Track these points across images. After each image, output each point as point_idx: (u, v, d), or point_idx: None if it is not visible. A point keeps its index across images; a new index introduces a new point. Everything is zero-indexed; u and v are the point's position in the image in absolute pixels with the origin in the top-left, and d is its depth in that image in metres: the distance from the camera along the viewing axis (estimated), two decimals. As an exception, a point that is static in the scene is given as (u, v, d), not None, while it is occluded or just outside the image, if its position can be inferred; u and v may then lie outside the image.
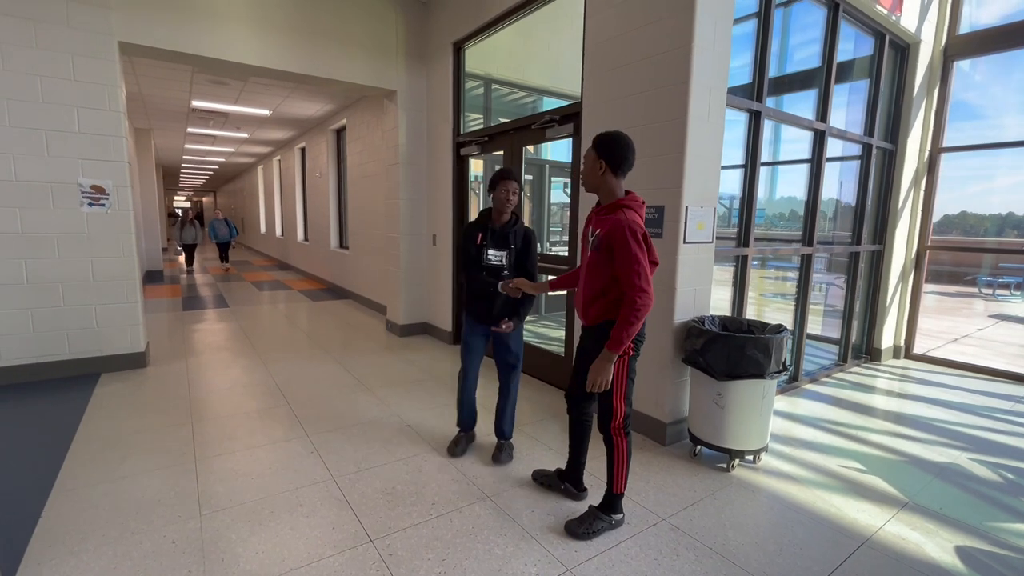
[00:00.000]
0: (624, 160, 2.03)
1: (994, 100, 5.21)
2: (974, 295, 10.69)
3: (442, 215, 5.34)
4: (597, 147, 2.05)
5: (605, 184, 2.07)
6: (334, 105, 7.88)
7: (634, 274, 1.91)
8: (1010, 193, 7.61)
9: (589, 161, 2.08)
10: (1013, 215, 12.59)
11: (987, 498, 2.55)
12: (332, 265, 9.14)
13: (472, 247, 2.65)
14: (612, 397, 2.12)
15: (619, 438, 2.16)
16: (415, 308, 5.73)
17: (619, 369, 2.10)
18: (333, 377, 4.21)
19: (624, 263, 1.93)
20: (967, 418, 3.62)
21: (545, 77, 6.39)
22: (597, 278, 2.08)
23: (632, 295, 1.91)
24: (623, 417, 2.14)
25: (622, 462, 2.17)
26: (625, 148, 2.02)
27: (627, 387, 2.13)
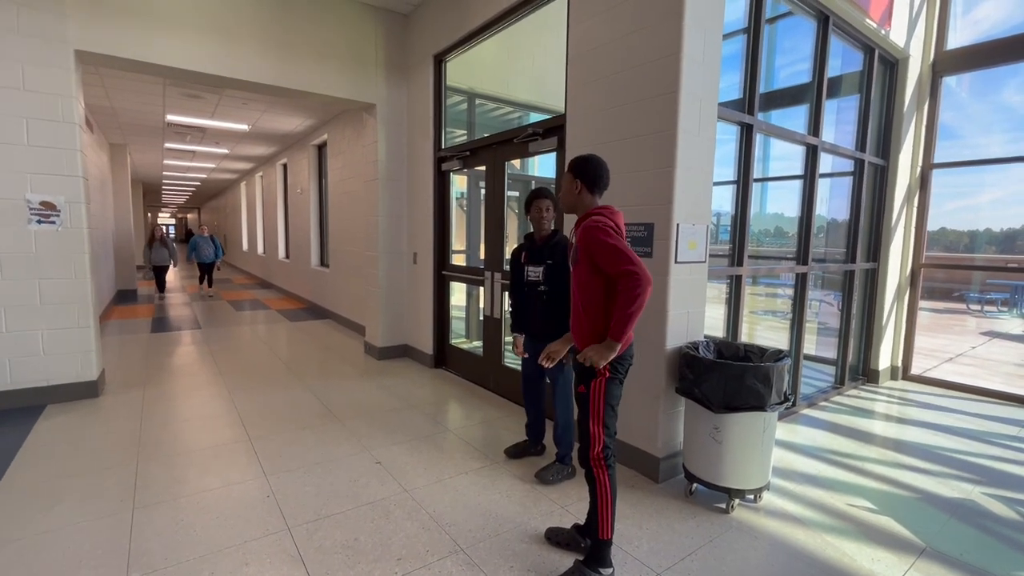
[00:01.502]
0: (598, 178, 2.05)
1: (972, 117, 5.17)
2: (964, 311, 10.67)
3: (423, 233, 5.11)
4: (572, 169, 2.10)
5: (582, 202, 2.08)
6: (314, 120, 7.69)
7: (618, 261, 1.81)
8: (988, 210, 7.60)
9: (566, 183, 2.11)
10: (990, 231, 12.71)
11: (1008, 540, 2.33)
12: (312, 284, 8.85)
13: (517, 266, 2.90)
14: (589, 424, 1.94)
15: (599, 471, 1.95)
16: (394, 330, 5.47)
17: (595, 392, 1.93)
18: (302, 406, 3.92)
19: (605, 258, 1.84)
20: (975, 446, 3.42)
21: (530, 92, 6.28)
22: (587, 293, 1.96)
23: (623, 279, 1.79)
24: (601, 447, 1.94)
25: (606, 501, 1.95)
26: (599, 167, 2.06)
27: (605, 413, 1.94)
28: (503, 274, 4.11)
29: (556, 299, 2.72)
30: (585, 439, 1.98)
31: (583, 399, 1.97)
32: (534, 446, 3.09)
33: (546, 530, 2.28)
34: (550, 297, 2.75)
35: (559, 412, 2.83)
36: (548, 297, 2.75)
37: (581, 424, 1.99)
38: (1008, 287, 10.89)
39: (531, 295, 2.80)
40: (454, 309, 5.17)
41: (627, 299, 1.78)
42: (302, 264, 9.34)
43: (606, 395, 1.94)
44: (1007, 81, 5.12)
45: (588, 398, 1.95)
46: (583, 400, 1.97)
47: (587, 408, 1.96)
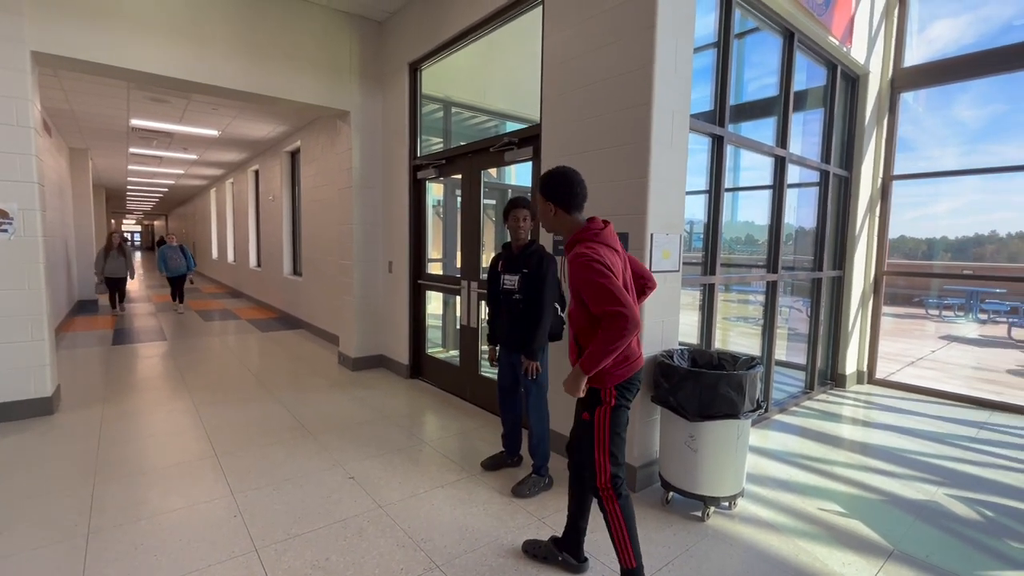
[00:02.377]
0: (571, 196, 1.91)
1: (929, 131, 5.42)
2: (924, 316, 11.11)
3: (398, 241, 5.06)
4: (542, 190, 1.96)
5: (562, 224, 1.96)
6: (287, 126, 7.55)
7: (604, 301, 1.69)
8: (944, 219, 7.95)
9: (540, 206, 1.99)
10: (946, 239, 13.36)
11: (971, 541, 2.40)
12: (285, 293, 8.65)
13: (493, 275, 2.91)
14: (595, 453, 1.87)
15: (609, 502, 1.87)
16: (369, 340, 5.37)
17: (599, 420, 1.86)
18: (273, 420, 3.80)
19: (590, 296, 1.74)
20: (937, 448, 3.54)
21: (506, 101, 6.31)
22: (578, 323, 1.89)
23: (608, 320, 1.68)
24: (608, 477, 1.86)
25: (620, 530, 1.87)
26: (569, 184, 1.91)
27: (611, 442, 1.86)
28: (480, 283, 4.08)
29: (529, 308, 2.71)
30: (591, 469, 1.89)
31: (587, 427, 1.89)
32: (511, 457, 3.06)
33: (523, 542, 2.24)
34: (525, 306, 2.73)
35: (533, 423, 2.80)
36: (523, 306, 2.73)
37: (585, 453, 1.91)
38: (964, 293, 11.41)
39: (507, 304, 2.79)
40: (430, 318, 5.11)
41: (608, 338, 1.68)
42: (274, 273, 9.13)
43: (612, 423, 1.86)
44: (959, 97, 5.40)
45: (592, 426, 1.87)
46: (587, 429, 1.89)
47: (591, 437, 1.88)
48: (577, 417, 1.97)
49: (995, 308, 10.82)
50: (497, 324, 2.90)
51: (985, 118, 5.80)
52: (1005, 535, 2.46)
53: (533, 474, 2.79)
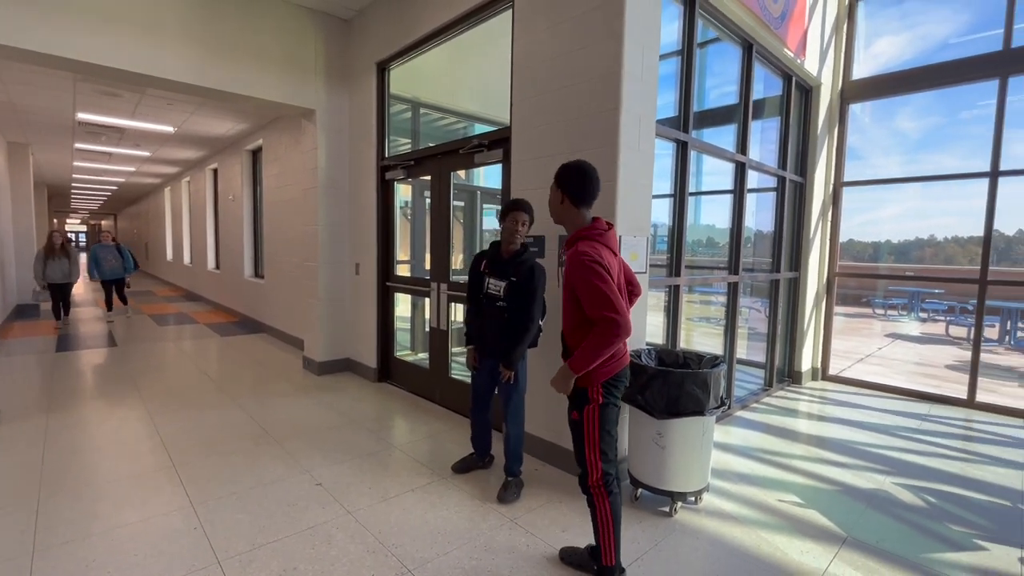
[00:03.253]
0: (584, 190, 1.94)
1: (874, 141, 5.76)
2: (870, 316, 11.74)
3: (366, 242, 4.97)
4: (557, 178, 1.99)
5: (567, 216, 1.98)
6: (248, 124, 7.32)
7: (600, 305, 1.72)
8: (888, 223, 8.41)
9: (551, 193, 2.02)
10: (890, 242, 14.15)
11: (916, 526, 2.56)
12: (245, 296, 8.36)
13: (475, 274, 2.78)
14: (585, 452, 1.90)
15: (600, 499, 1.91)
16: (335, 343, 5.26)
17: (588, 419, 1.89)
18: (234, 428, 3.67)
19: (586, 297, 1.76)
20: (885, 439, 3.75)
21: (475, 103, 6.31)
22: (571, 314, 1.91)
23: (601, 324, 1.72)
24: (600, 475, 1.90)
25: (607, 527, 1.91)
26: (585, 177, 1.94)
27: (601, 440, 1.89)
28: (449, 285, 4.06)
29: (514, 319, 2.64)
30: (583, 467, 1.92)
31: (576, 426, 1.92)
32: (481, 460, 3.06)
33: (560, 550, 2.20)
34: (510, 315, 2.64)
35: (512, 427, 2.78)
36: (508, 315, 2.64)
37: (577, 452, 1.94)
38: (906, 293, 12.12)
39: (490, 309, 2.69)
40: (399, 321, 5.05)
41: (599, 342, 1.71)
42: (234, 275, 8.81)
43: (601, 421, 1.88)
44: (901, 110, 5.76)
45: (581, 425, 1.90)
46: (576, 427, 1.92)
47: (581, 436, 1.90)
48: (568, 417, 1.98)
49: (934, 307, 11.54)
50: (476, 326, 2.79)
51: (923, 130, 6.19)
52: (947, 519, 2.63)
53: (511, 478, 2.78)
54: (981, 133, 4.59)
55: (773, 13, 3.94)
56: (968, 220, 13.81)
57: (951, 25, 5.18)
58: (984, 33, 4.69)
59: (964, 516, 2.66)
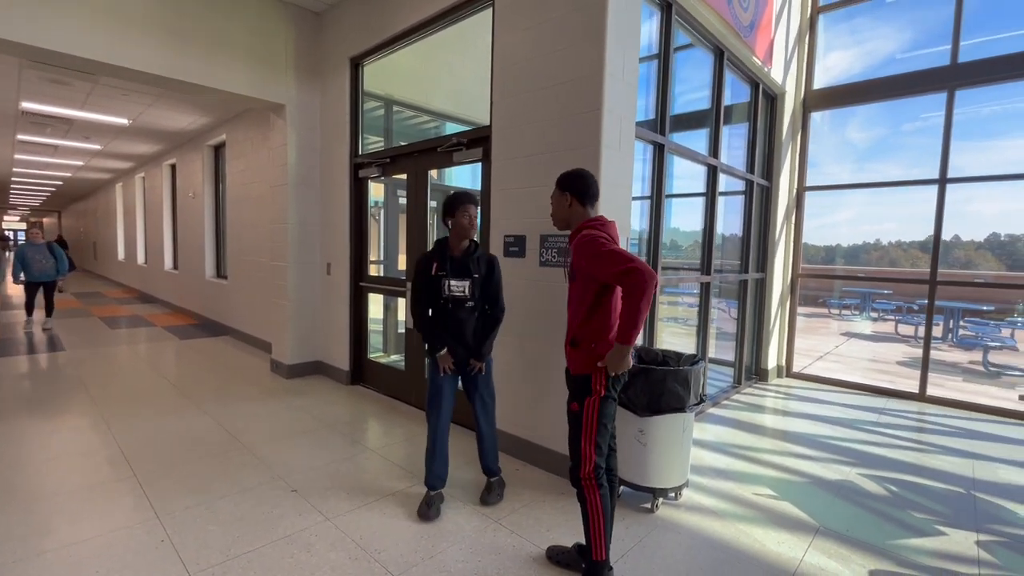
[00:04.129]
0: (589, 188, 2.05)
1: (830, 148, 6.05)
2: (827, 316, 12.30)
3: (338, 241, 4.85)
4: (560, 183, 2.08)
5: (574, 216, 2.05)
6: (211, 118, 7.02)
7: (615, 262, 1.75)
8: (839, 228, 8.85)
9: (556, 198, 2.10)
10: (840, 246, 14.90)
11: (882, 515, 2.68)
12: (207, 297, 8.01)
13: (428, 278, 2.51)
14: (580, 443, 1.91)
15: (591, 492, 1.92)
16: (305, 345, 5.10)
17: (588, 410, 1.90)
18: (200, 435, 3.50)
19: (601, 266, 1.80)
20: (847, 432, 3.92)
21: (449, 102, 6.27)
22: (580, 305, 1.94)
23: (626, 278, 1.72)
24: (592, 467, 1.91)
25: (598, 522, 1.91)
26: (588, 178, 2.06)
27: (597, 432, 1.92)
28: (426, 285, 4.00)
29: (484, 314, 2.61)
30: (576, 458, 1.93)
31: (575, 417, 1.93)
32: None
33: (547, 549, 2.20)
34: (481, 313, 2.59)
35: (488, 424, 2.72)
36: (479, 313, 2.58)
37: (572, 443, 1.95)
38: (859, 294, 12.76)
39: (458, 312, 2.52)
40: (371, 322, 4.94)
41: (632, 296, 1.69)
42: (194, 275, 8.44)
43: (600, 414, 1.90)
44: (851, 120, 6.08)
45: (580, 416, 1.91)
46: (575, 419, 1.94)
47: (579, 426, 1.92)
48: (567, 409, 1.99)
49: (883, 307, 12.20)
50: (447, 331, 2.54)
51: (870, 140, 6.50)
52: (909, 507, 2.76)
53: (494, 478, 2.73)
54: (922, 144, 4.90)
55: (743, 21, 4.07)
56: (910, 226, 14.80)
57: (900, 41, 5.48)
58: (931, 49, 4.99)
59: (924, 504, 2.81)
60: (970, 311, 8.69)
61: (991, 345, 7.08)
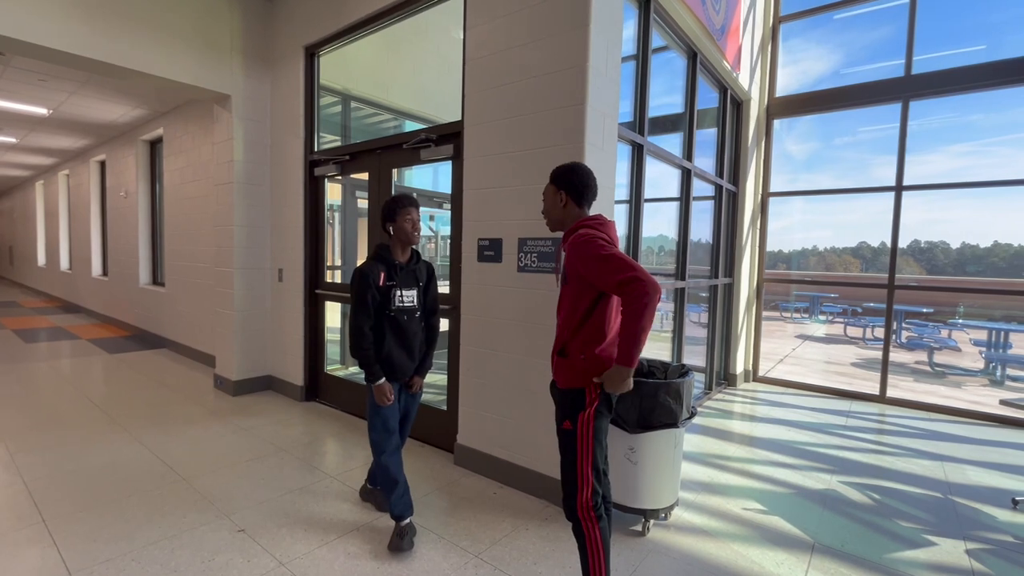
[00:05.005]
0: (586, 187, 1.83)
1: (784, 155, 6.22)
2: (779, 319, 12.74)
3: (291, 245, 4.46)
4: (555, 179, 1.87)
5: (569, 216, 1.85)
6: (146, 110, 6.41)
7: (615, 270, 1.55)
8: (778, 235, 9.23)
9: (549, 195, 1.89)
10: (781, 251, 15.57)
11: (871, 526, 2.62)
12: (141, 306, 7.31)
13: (376, 289, 2.25)
14: (576, 466, 1.68)
15: (589, 523, 1.69)
16: (254, 359, 4.66)
17: (583, 427, 1.68)
18: (129, 466, 3.05)
19: (599, 272, 1.59)
20: (820, 438, 3.91)
21: (410, 99, 5.98)
22: (572, 311, 1.72)
23: (626, 289, 1.52)
24: (591, 492, 1.69)
25: (598, 559, 1.70)
26: (585, 176, 1.83)
27: (594, 451, 1.69)
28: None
29: (432, 325, 2.46)
30: (571, 485, 1.70)
31: (568, 437, 1.70)
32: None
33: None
34: (427, 324, 2.44)
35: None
36: (425, 325, 2.43)
37: (566, 467, 1.71)
38: (808, 298, 13.32)
39: (409, 324, 2.33)
40: (328, 332, 4.57)
41: (634, 312, 1.50)
42: (126, 282, 7.69)
43: (595, 429, 1.69)
44: (788, 133, 6.29)
45: (574, 436, 1.68)
46: (568, 438, 1.70)
47: (573, 447, 1.69)
48: (557, 427, 1.77)
49: (831, 310, 12.78)
50: (394, 349, 2.30)
51: (805, 152, 6.71)
52: (894, 516, 2.72)
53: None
54: (850, 157, 5.08)
55: (715, 24, 4.03)
56: (841, 233, 15.69)
57: (856, 54, 5.68)
58: (886, 63, 5.17)
59: (908, 511, 2.77)
60: (912, 313, 9.17)
61: (934, 346, 7.45)
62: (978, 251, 18.70)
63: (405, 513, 2.30)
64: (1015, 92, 4.64)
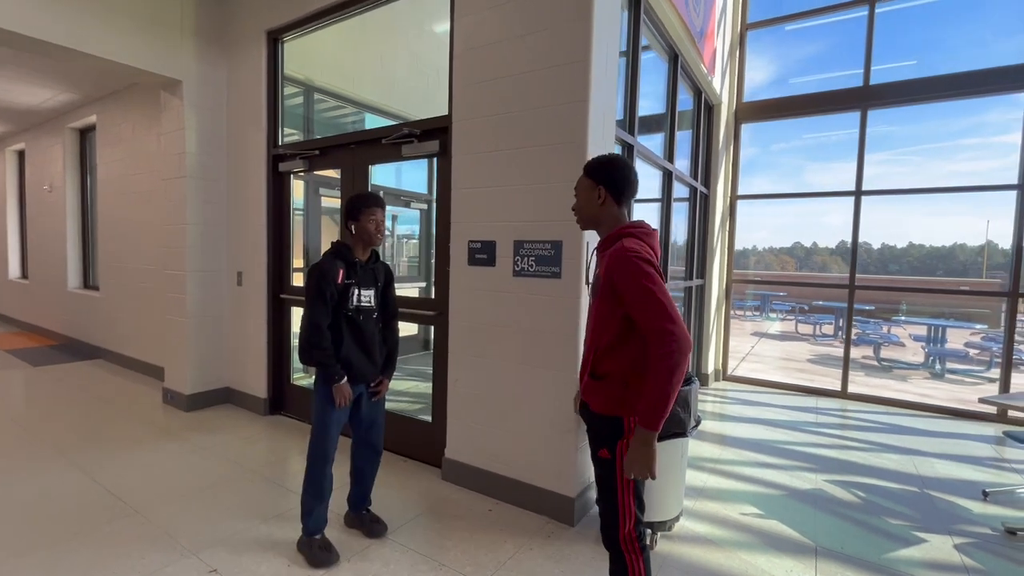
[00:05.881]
0: (627, 184, 1.64)
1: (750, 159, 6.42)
2: (734, 316, 13.24)
3: (252, 246, 4.11)
4: (592, 172, 1.66)
5: (606, 216, 1.64)
6: (75, 94, 5.77)
7: (654, 314, 1.38)
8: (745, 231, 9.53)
9: (583, 190, 1.68)
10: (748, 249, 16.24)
11: (863, 525, 2.66)
12: (70, 312, 6.60)
13: (334, 287, 2.16)
14: (617, 496, 1.54)
15: (632, 555, 1.55)
16: (211, 370, 4.27)
17: (622, 455, 1.53)
18: (69, 498, 2.67)
19: (637, 304, 1.42)
20: (797, 436, 4.01)
21: (377, 93, 5.71)
22: (606, 330, 1.55)
23: (656, 339, 1.37)
24: (634, 523, 1.56)
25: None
26: (627, 170, 1.65)
27: (637, 481, 1.57)
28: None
29: (391, 326, 2.41)
30: (611, 517, 1.56)
31: (607, 467, 1.55)
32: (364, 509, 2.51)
33: None
34: (384, 325, 2.38)
35: (374, 465, 2.48)
36: (382, 326, 2.37)
37: (605, 498, 1.57)
38: (759, 296, 13.92)
39: (367, 325, 2.27)
40: (295, 339, 4.25)
41: (662, 370, 1.35)
42: (51, 286, 6.93)
43: None
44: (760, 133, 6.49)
45: (614, 465, 1.54)
46: (607, 468, 1.55)
47: (613, 476, 1.54)
48: (592, 455, 1.62)
49: (780, 308, 13.42)
50: (353, 351, 2.23)
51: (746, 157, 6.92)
52: (882, 513, 2.78)
53: (370, 507, 2.47)
54: (787, 163, 5.31)
55: (696, 27, 4.05)
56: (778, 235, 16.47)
57: (819, 63, 5.91)
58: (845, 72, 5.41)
59: (893, 508, 2.85)
60: (857, 311, 9.74)
61: (880, 342, 7.92)
62: (896, 251, 20.32)
63: (320, 526, 2.27)
64: (934, 107, 5.00)
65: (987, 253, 17.43)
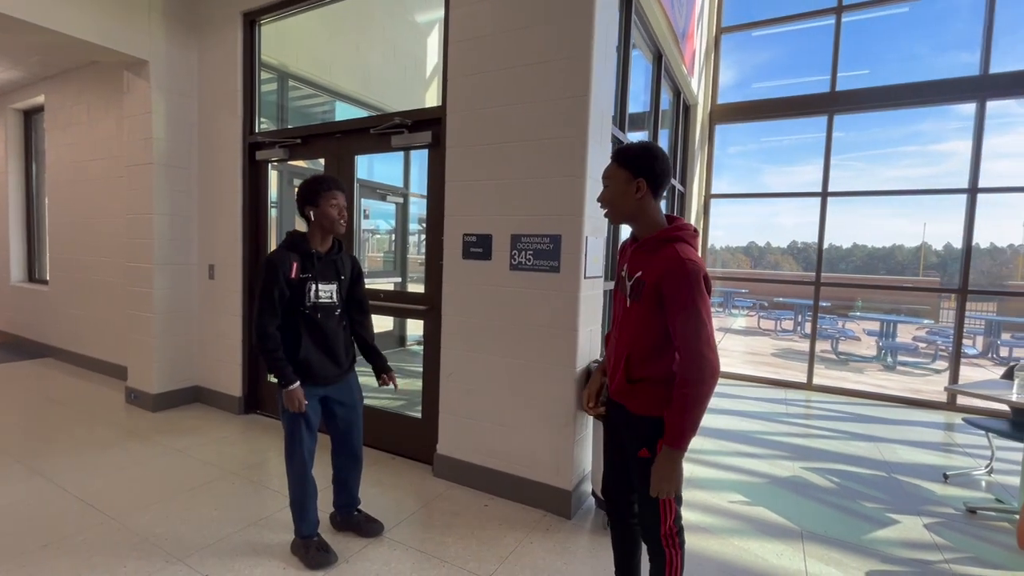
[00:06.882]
0: (666, 178, 1.55)
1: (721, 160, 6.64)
2: (700, 313, 13.67)
3: (225, 238, 3.92)
4: (630, 162, 1.52)
5: (645, 211, 1.53)
6: (20, 72, 5.33)
7: (695, 337, 1.37)
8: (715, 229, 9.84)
9: (618, 183, 1.54)
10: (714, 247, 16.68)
11: (841, 508, 2.80)
12: (13, 308, 6.13)
13: (289, 281, 1.99)
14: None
15: (672, 550, 1.56)
16: (180, 367, 4.05)
17: None
18: (34, 507, 2.48)
19: (683, 321, 1.39)
20: (771, 426, 4.17)
21: (354, 83, 5.55)
22: (644, 335, 1.51)
23: (692, 363, 1.37)
24: (674, 519, 1.56)
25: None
26: (666, 161, 1.55)
27: None
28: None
29: (361, 322, 2.30)
30: (653, 515, 1.55)
31: (649, 466, 1.51)
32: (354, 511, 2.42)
33: None
34: (350, 323, 2.25)
35: (360, 455, 2.36)
36: (347, 321, 2.23)
37: (646, 498, 1.54)
38: (722, 292, 14.41)
39: (327, 323, 2.10)
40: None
41: (694, 396, 1.36)
42: (-8, 279, 6.41)
43: None
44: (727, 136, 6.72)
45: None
46: (649, 466, 1.51)
47: None
48: (631, 456, 1.60)
49: (742, 304, 13.93)
50: (312, 350, 2.07)
51: None
52: (857, 497, 2.94)
53: (360, 507, 2.38)
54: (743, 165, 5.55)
55: (679, 27, 4.13)
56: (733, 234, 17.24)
57: (789, 69, 6.15)
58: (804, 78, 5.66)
59: (866, 492, 3.01)
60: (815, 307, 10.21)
61: (837, 336, 8.34)
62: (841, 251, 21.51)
63: (312, 529, 2.19)
64: (876, 116, 5.32)
65: (923, 253, 18.65)
